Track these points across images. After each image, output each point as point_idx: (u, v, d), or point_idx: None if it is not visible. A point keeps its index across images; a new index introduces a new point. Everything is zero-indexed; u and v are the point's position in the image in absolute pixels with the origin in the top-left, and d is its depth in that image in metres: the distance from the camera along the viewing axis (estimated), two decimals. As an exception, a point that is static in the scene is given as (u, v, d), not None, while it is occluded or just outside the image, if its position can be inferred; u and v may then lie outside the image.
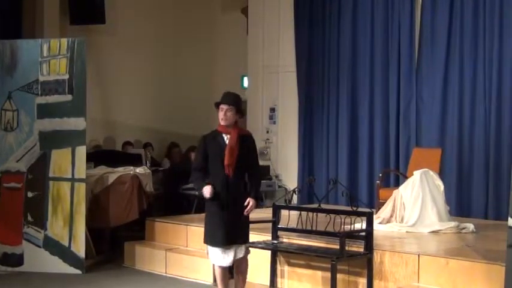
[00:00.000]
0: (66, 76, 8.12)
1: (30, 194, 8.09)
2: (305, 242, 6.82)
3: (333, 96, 10.51)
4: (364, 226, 6.39)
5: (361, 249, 6.35)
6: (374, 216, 6.66)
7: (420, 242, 6.99)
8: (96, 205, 8.55)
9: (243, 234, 5.87)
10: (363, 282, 6.32)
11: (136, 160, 10.16)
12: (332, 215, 6.79)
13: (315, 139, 10.76)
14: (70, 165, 8.00)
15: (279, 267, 6.97)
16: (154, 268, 7.94)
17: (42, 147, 8.10)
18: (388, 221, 7.75)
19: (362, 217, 6.45)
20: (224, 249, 5.78)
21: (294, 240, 6.96)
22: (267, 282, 6.94)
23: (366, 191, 9.88)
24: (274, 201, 8.65)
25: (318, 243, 6.71)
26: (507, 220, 4.92)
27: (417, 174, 7.76)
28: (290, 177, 10.97)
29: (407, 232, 7.45)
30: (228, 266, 5.92)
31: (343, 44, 10.42)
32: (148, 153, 11.21)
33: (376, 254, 6.30)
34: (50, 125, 8.10)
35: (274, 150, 11.27)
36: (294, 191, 7.36)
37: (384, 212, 7.84)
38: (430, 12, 9.42)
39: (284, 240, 7.01)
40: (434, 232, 7.44)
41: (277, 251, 6.90)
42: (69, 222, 7.95)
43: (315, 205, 7.17)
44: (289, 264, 6.91)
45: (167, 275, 7.76)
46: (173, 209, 9.66)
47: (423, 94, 9.50)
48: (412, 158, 8.83)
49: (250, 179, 5.90)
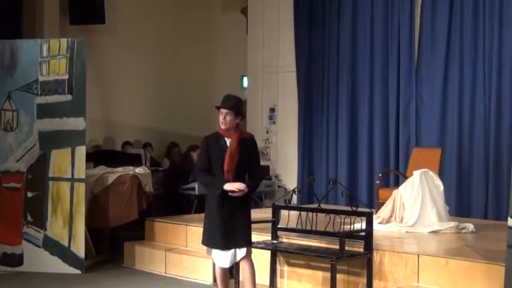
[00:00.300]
0: (66, 76, 8.11)
1: (30, 194, 8.08)
2: (305, 242, 6.82)
3: (333, 96, 10.50)
4: (363, 226, 6.39)
5: (360, 249, 6.35)
6: (374, 216, 6.65)
7: (420, 242, 6.99)
8: (95, 205, 8.56)
9: (243, 238, 5.74)
10: (363, 282, 6.32)
11: (136, 160, 10.17)
12: (332, 215, 6.78)
13: (315, 139, 10.75)
14: (70, 165, 7.99)
15: (279, 267, 6.97)
16: (154, 268, 7.94)
17: (41, 147, 8.10)
18: (388, 221, 7.74)
19: (362, 217, 6.45)
20: (224, 250, 5.76)
21: (294, 240, 6.95)
22: (267, 282, 6.93)
23: (366, 191, 9.88)
24: (273, 201, 8.66)
25: (318, 243, 6.71)
26: (507, 220, 4.92)
27: (417, 174, 7.76)
28: (290, 177, 10.97)
29: (407, 232, 7.45)
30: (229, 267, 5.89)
31: (343, 44, 10.42)
32: (147, 153, 11.23)
33: (375, 254, 6.30)
34: (50, 125, 8.09)
35: (273, 150, 11.26)
36: (294, 191, 7.34)
37: (384, 212, 7.83)
38: (430, 11, 9.42)
39: (284, 240, 7.01)
40: (434, 232, 7.43)
41: (277, 251, 6.90)
42: (68, 222, 7.94)
43: (315, 205, 7.16)
44: (289, 264, 6.91)
45: (167, 275, 7.75)
46: (173, 209, 9.65)
47: (423, 94, 9.50)
48: (412, 158, 8.82)
49: (250, 178, 5.79)
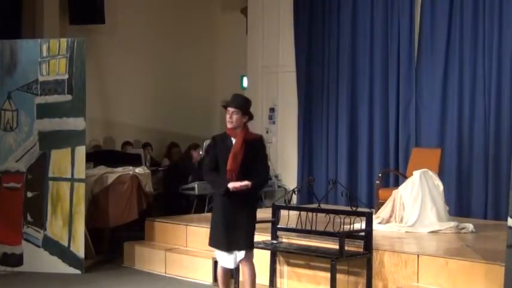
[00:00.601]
0: (65, 76, 8.11)
1: (29, 194, 8.08)
2: (304, 242, 6.82)
3: (333, 96, 10.50)
4: (363, 226, 6.39)
5: (360, 249, 6.35)
6: (373, 216, 6.66)
7: (419, 242, 6.99)
8: (95, 205, 8.55)
9: (244, 240, 5.69)
10: (363, 282, 6.32)
11: (135, 160, 10.17)
12: (331, 215, 6.79)
13: (315, 139, 10.75)
14: (69, 165, 7.98)
15: (279, 267, 6.97)
16: (153, 268, 7.93)
17: (41, 147, 8.09)
18: (388, 221, 7.74)
19: (361, 217, 6.45)
20: (227, 252, 5.74)
21: (294, 240, 6.95)
22: (267, 282, 6.93)
23: (366, 191, 9.87)
24: (273, 201, 8.65)
25: (318, 243, 6.71)
26: (506, 220, 4.93)
27: (417, 174, 7.76)
28: (290, 177, 10.97)
29: (406, 232, 7.45)
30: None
31: (342, 44, 10.41)
32: (147, 153, 11.24)
33: (375, 254, 6.30)
34: (50, 125, 8.09)
35: (273, 150, 11.24)
36: (294, 191, 7.35)
37: (384, 212, 7.84)
38: (430, 11, 9.42)
39: (284, 240, 7.01)
40: (433, 232, 7.43)
41: (276, 251, 6.90)
42: (68, 222, 7.94)
43: (315, 205, 7.17)
44: (288, 264, 6.91)
45: (167, 275, 7.75)
46: (173, 209, 9.66)
47: (423, 94, 9.49)
48: (412, 158, 8.82)
49: (255, 175, 5.64)
